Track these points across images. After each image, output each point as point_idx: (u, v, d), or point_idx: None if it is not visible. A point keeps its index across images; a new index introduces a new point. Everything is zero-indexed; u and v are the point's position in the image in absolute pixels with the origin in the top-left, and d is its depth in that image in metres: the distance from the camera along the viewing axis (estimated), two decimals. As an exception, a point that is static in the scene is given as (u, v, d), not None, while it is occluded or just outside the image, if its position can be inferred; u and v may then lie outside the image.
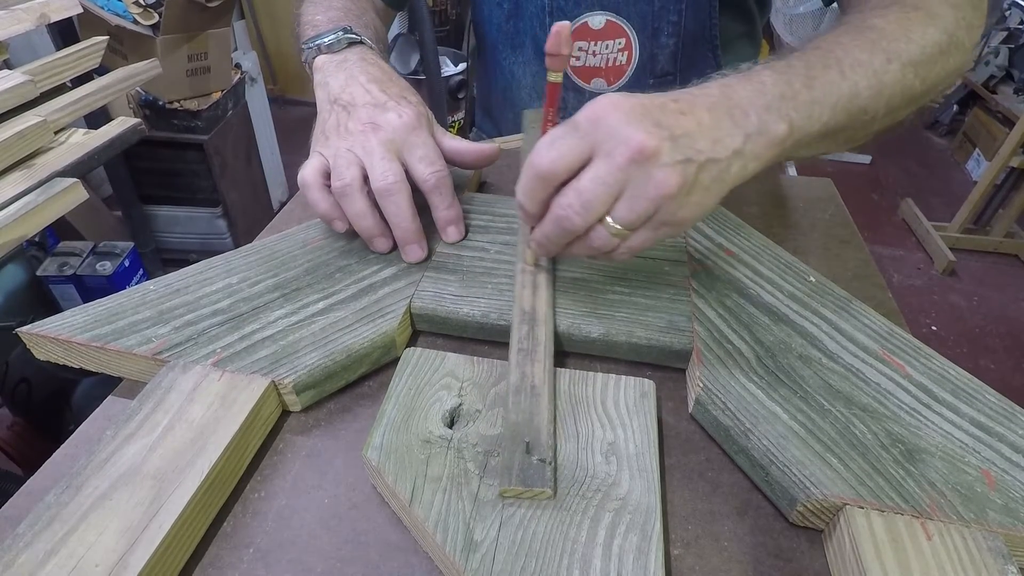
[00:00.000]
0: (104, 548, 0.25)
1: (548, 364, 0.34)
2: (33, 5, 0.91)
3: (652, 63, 0.65)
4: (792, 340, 0.37)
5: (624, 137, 0.30)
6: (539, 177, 0.33)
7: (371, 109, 0.44)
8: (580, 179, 0.32)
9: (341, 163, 0.41)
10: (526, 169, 0.33)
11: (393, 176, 0.41)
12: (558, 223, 0.33)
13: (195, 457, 0.29)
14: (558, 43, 0.34)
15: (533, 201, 0.34)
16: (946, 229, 2.18)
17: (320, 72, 0.48)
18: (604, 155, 0.31)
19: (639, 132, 0.30)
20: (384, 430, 0.31)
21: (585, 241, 0.34)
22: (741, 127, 0.33)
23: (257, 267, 0.42)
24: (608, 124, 0.31)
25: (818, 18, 2.16)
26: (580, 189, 0.32)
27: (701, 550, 0.29)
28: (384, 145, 0.42)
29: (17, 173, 0.74)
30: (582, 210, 0.32)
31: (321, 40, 0.49)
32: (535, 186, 0.33)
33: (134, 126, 0.92)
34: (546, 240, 0.35)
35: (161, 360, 0.35)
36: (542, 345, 0.35)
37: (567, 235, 0.34)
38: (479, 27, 0.74)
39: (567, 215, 0.32)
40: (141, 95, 1.58)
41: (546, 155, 0.32)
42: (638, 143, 0.30)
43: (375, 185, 0.41)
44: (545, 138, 0.33)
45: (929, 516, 0.28)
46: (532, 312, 0.38)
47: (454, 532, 0.27)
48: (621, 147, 0.30)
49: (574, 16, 0.64)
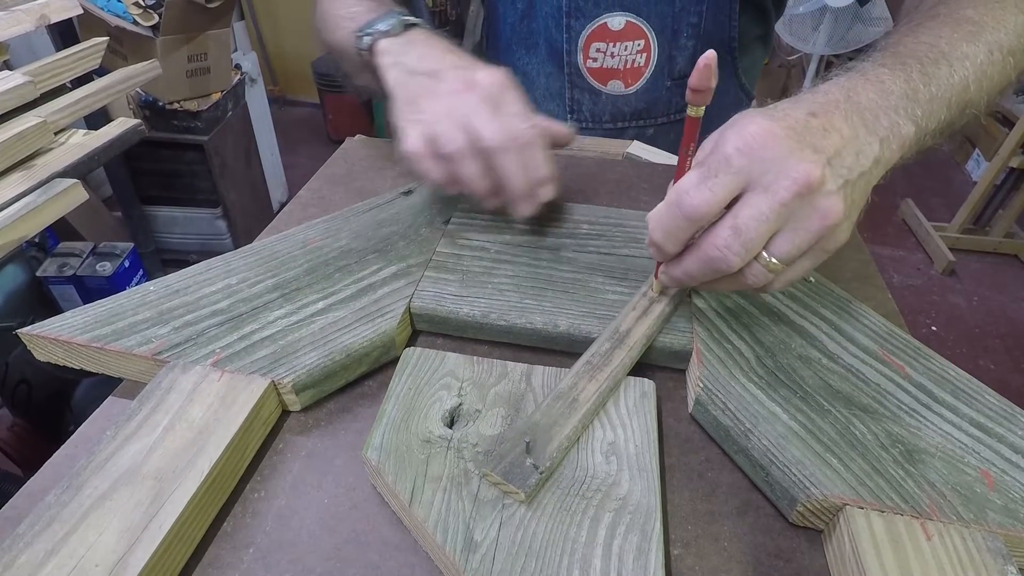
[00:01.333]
0: (104, 548, 0.25)
1: (604, 387, 0.33)
2: (33, 6, 0.91)
3: (670, 65, 0.65)
4: (792, 340, 0.37)
5: (787, 169, 0.28)
6: (687, 219, 0.30)
7: (460, 71, 0.43)
8: (737, 216, 0.29)
9: (447, 127, 0.40)
10: (670, 209, 0.31)
11: (505, 132, 0.40)
12: (710, 264, 0.31)
13: (195, 457, 0.29)
14: (706, 76, 0.29)
15: (676, 242, 0.32)
16: (946, 229, 2.18)
17: (387, 54, 0.47)
18: (762, 189, 0.29)
19: (802, 163, 0.28)
20: (384, 430, 0.31)
21: (737, 279, 0.32)
22: (875, 133, 0.31)
23: (257, 267, 0.42)
24: (766, 156, 0.29)
25: (818, 18, 2.16)
26: (739, 228, 0.29)
27: (701, 550, 0.29)
28: (485, 103, 0.41)
29: (17, 174, 0.74)
30: (742, 251, 0.29)
31: (377, 26, 0.48)
32: (681, 227, 0.31)
33: (134, 127, 0.92)
34: (688, 278, 0.33)
35: (161, 360, 0.35)
36: (612, 368, 0.34)
37: (718, 275, 0.31)
38: (492, 26, 0.73)
39: (723, 256, 0.30)
40: (141, 96, 1.58)
41: (697, 196, 0.29)
42: (804, 175, 0.28)
43: (488, 143, 0.40)
44: (692, 176, 0.30)
45: (929, 516, 0.28)
46: (624, 335, 0.36)
47: (454, 532, 0.27)
48: (785, 181, 0.28)
49: (593, 17, 0.63)
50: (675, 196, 0.30)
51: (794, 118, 0.31)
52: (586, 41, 0.65)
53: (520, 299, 0.39)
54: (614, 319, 0.37)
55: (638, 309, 0.38)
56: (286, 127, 2.33)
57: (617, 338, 0.36)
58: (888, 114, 0.32)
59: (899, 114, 0.33)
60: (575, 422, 0.31)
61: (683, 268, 0.33)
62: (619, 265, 0.43)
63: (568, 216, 0.48)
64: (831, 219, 0.29)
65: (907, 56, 0.36)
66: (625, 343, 0.36)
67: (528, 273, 0.42)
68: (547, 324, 0.38)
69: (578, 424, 0.31)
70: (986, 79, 0.38)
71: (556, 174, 0.42)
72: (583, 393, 0.33)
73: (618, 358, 0.35)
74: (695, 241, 0.32)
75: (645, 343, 0.36)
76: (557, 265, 0.43)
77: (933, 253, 2.14)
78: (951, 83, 0.36)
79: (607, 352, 0.35)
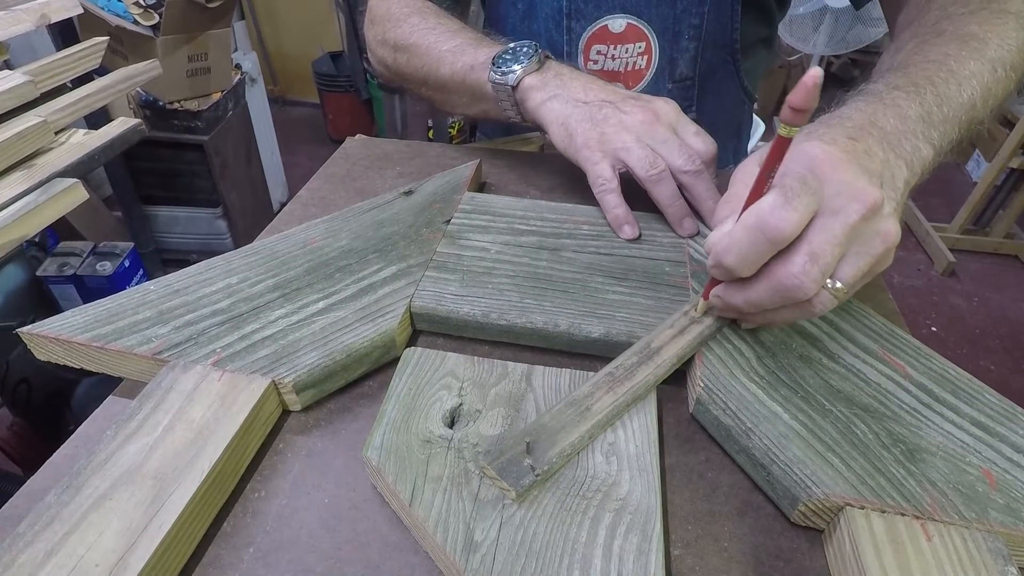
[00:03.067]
0: (104, 548, 0.25)
1: (621, 401, 0.32)
2: (33, 5, 0.91)
3: (671, 67, 0.65)
4: (792, 340, 0.37)
5: (855, 192, 0.28)
6: (771, 241, 0.29)
7: (637, 102, 0.47)
8: (811, 242, 0.29)
9: (643, 153, 0.44)
10: (750, 231, 0.29)
11: (697, 159, 0.44)
12: (785, 292, 0.30)
13: (195, 457, 0.29)
14: (811, 96, 0.26)
15: (752, 266, 0.30)
16: (946, 230, 2.18)
17: (540, 89, 0.50)
18: (832, 213, 0.29)
19: (869, 185, 0.28)
20: (384, 430, 0.31)
21: (804, 307, 0.31)
22: (902, 158, 0.32)
23: (257, 267, 0.42)
24: (835, 179, 0.29)
25: (818, 18, 2.16)
26: (816, 254, 0.28)
27: (701, 550, 0.29)
28: (670, 130, 0.45)
29: (17, 173, 0.74)
30: (820, 277, 0.29)
31: (516, 65, 0.50)
32: (762, 250, 0.29)
33: (134, 126, 0.92)
34: (751, 306, 0.32)
35: (161, 360, 0.35)
36: (633, 383, 0.33)
37: (789, 302, 0.30)
38: (493, 27, 0.73)
39: (800, 284, 0.29)
40: (141, 95, 1.58)
41: (787, 217, 0.28)
42: (872, 198, 0.28)
43: (684, 168, 0.44)
44: (774, 197, 0.29)
45: (930, 516, 0.28)
46: (655, 352, 0.35)
47: (454, 532, 0.27)
48: (855, 204, 0.28)
49: (594, 19, 0.63)
50: (756, 218, 0.29)
51: (843, 142, 0.31)
52: (587, 43, 0.65)
53: (520, 299, 0.39)
54: (647, 333, 0.36)
55: (675, 327, 0.36)
56: (286, 127, 2.33)
57: (646, 354, 0.35)
58: (909, 138, 0.33)
59: (918, 138, 0.33)
60: (583, 431, 0.31)
61: (748, 296, 0.31)
62: (619, 265, 0.43)
63: (568, 216, 0.48)
64: (890, 241, 0.29)
65: (919, 77, 0.37)
66: (653, 360, 0.34)
67: (528, 273, 0.42)
68: (547, 324, 0.38)
69: (585, 433, 0.31)
70: (991, 96, 0.38)
71: None
72: (597, 403, 0.32)
73: (642, 374, 0.34)
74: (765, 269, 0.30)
75: (675, 363, 0.35)
76: (557, 265, 0.43)
77: (933, 254, 2.14)
78: (960, 102, 0.36)
79: (632, 366, 0.34)
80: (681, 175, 0.45)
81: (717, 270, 0.32)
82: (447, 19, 0.60)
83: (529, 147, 0.71)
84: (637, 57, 0.65)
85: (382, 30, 0.63)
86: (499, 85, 0.51)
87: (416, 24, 0.60)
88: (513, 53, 0.51)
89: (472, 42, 0.56)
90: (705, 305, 0.36)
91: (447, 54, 0.56)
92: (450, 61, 0.55)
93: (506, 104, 0.52)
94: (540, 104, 0.50)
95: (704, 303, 0.36)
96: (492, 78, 0.51)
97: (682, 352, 0.35)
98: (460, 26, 0.59)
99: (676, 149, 0.45)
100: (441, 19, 0.60)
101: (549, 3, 0.65)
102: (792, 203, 0.28)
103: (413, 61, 0.59)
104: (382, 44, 0.63)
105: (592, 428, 0.31)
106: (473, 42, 0.56)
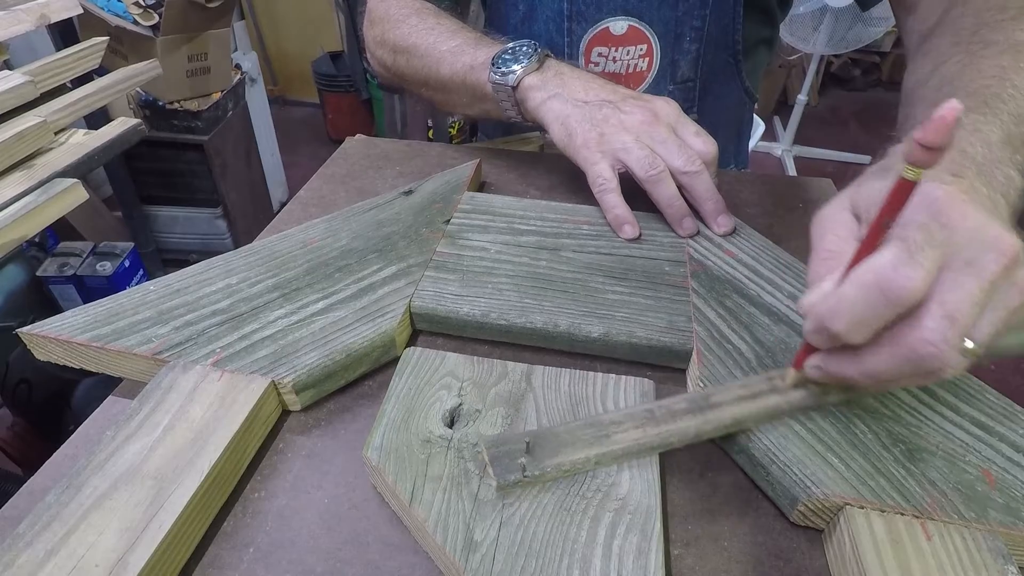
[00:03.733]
0: (104, 548, 0.25)
1: (646, 442, 0.30)
2: (33, 6, 0.91)
3: (673, 69, 0.65)
4: (792, 340, 0.37)
5: (991, 241, 0.24)
6: (894, 303, 0.24)
7: (636, 102, 0.47)
8: (944, 302, 0.24)
9: (642, 154, 0.45)
10: (867, 291, 0.25)
11: (697, 159, 0.44)
12: (918, 361, 0.25)
13: (195, 457, 0.29)
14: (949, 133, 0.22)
15: (869, 332, 0.26)
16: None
17: (540, 89, 0.50)
18: (965, 265, 0.24)
19: (1005, 232, 0.25)
20: (384, 430, 0.31)
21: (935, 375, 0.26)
22: (996, 190, 0.28)
23: (257, 267, 0.42)
24: (964, 226, 0.25)
25: (818, 18, 2.16)
26: (953, 316, 0.24)
27: (701, 550, 0.29)
28: (669, 131, 0.46)
29: (17, 174, 0.74)
30: (959, 341, 0.24)
31: (516, 65, 0.50)
32: (883, 314, 0.25)
33: (134, 126, 0.92)
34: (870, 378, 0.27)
35: (161, 360, 0.35)
36: (669, 429, 0.30)
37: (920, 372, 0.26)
38: (494, 27, 0.73)
39: (937, 352, 0.24)
40: (141, 95, 1.58)
41: (913, 275, 0.24)
42: (1011, 247, 0.24)
43: (683, 169, 0.44)
44: (898, 251, 0.24)
45: (930, 515, 0.28)
46: (710, 407, 0.31)
47: (454, 532, 0.27)
48: (992, 254, 0.24)
49: (595, 21, 0.63)
50: (875, 276, 0.24)
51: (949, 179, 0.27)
52: (588, 45, 0.65)
53: (520, 299, 0.39)
54: (711, 388, 0.33)
55: (747, 389, 0.32)
56: (286, 127, 2.33)
57: (698, 406, 0.31)
58: (999, 167, 0.29)
59: (1007, 165, 0.30)
60: (591, 455, 0.29)
61: (866, 366, 0.27)
62: (619, 265, 0.43)
63: (568, 216, 0.48)
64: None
65: (986, 95, 0.33)
66: (704, 414, 0.31)
67: (528, 273, 0.42)
68: (547, 324, 0.38)
69: (592, 458, 0.29)
70: None
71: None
72: (621, 435, 0.30)
73: (684, 423, 0.30)
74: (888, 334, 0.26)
75: (729, 426, 0.31)
76: (557, 265, 0.43)
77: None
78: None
79: (677, 412, 0.31)
80: (681, 175, 0.45)
81: (819, 336, 0.28)
82: (446, 19, 0.60)
83: (529, 147, 0.71)
84: (638, 59, 0.65)
85: (381, 31, 0.63)
86: (499, 85, 0.51)
87: (415, 25, 0.60)
88: (513, 53, 0.51)
89: (471, 42, 0.56)
90: (798, 377, 0.31)
91: (447, 54, 0.56)
92: (450, 61, 0.55)
93: (506, 104, 0.52)
94: (540, 104, 0.50)
95: (796, 374, 0.31)
96: (492, 78, 0.51)
97: (743, 418, 0.31)
98: (459, 26, 0.59)
99: (676, 149, 0.45)
100: (440, 19, 0.60)
101: (550, 5, 0.65)
102: (916, 258, 0.24)
103: (413, 62, 0.59)
104: (381, 45, 0.63)
105: (602, 456, 0.30)
106: (472, 42, 0.56)
